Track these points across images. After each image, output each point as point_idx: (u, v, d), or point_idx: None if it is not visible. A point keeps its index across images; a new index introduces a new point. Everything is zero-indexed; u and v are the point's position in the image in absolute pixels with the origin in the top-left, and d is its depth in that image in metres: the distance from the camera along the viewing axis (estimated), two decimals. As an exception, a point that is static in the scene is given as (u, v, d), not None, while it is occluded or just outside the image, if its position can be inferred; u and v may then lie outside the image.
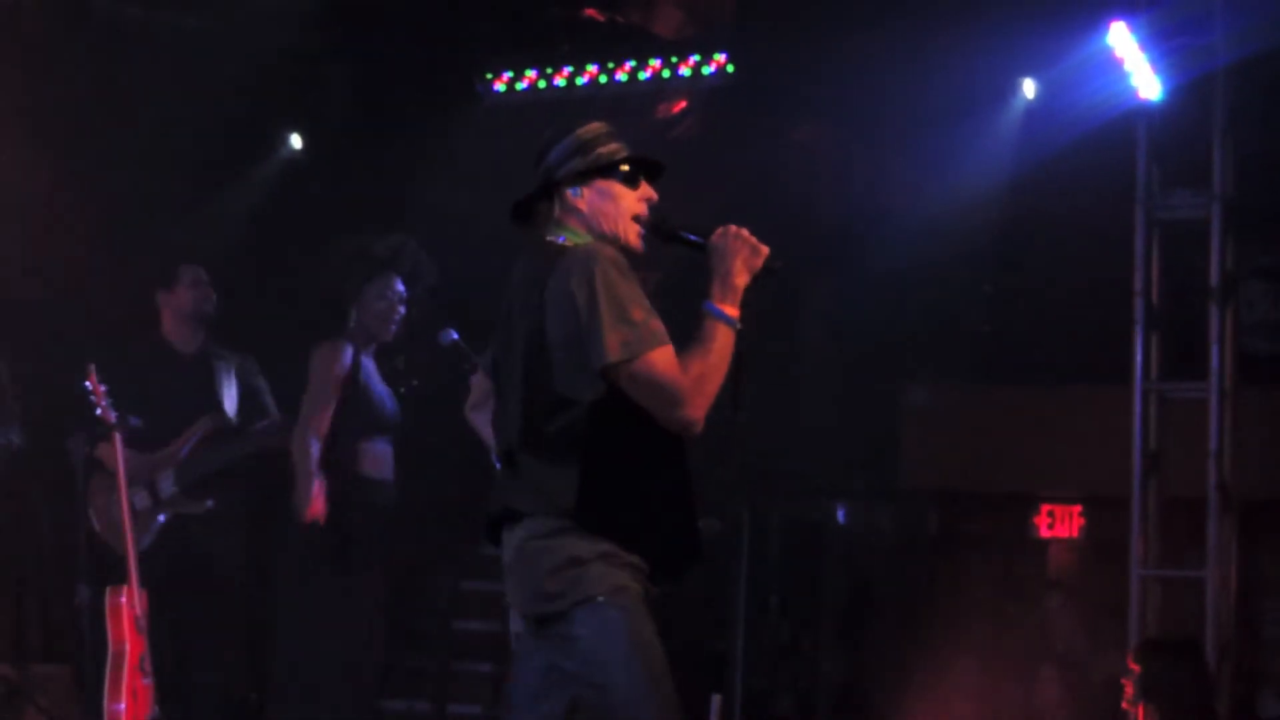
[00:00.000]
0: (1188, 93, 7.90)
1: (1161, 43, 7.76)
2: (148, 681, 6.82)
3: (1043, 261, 10.43)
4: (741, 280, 4.38)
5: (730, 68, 9.82)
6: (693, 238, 4.49)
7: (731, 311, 4.34)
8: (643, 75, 9.93)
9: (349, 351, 7.34)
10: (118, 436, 6.95)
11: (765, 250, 4.45)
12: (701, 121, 10.69)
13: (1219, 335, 7.88)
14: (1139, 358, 8.02)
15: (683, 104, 10.69)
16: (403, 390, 7.56)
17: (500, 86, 10.26)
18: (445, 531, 9.58)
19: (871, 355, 10.45)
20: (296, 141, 10.49)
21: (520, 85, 10.20)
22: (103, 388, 6.94)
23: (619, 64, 9.97)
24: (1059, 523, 10.80)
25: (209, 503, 7.57)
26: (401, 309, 7.45)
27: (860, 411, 10.51)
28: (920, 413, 10.79)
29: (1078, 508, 10.74)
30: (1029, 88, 9.25)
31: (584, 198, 4.53)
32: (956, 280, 10.73)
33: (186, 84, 9.23)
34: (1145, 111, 7.99)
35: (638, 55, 9.92)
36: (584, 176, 4.53)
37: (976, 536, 10.85)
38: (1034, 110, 9.23)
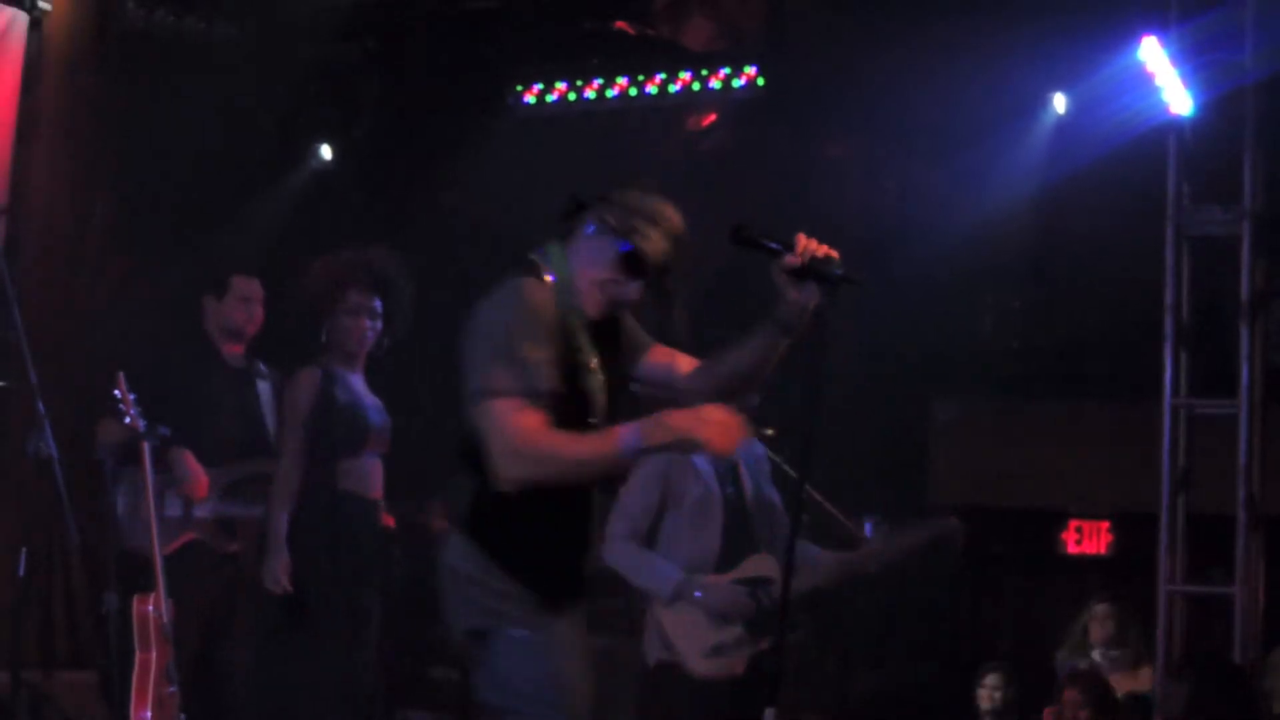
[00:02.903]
0: (1219, 108, 7.87)
1: (1193, 58, 7.74)
2: (173, 690, 6.82)
3: (1072, 277, 10.41)
4: (662, 437, 4.16)
5: (760, 81, 9.83)
6: (773, 245, 4.40)
7: (634, 443, 4.15)
8: (673, 88, 9.94)
9: (316, 377, 7.26)
10: (145, 446, 6.95)
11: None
12: (731, 135, 10.69)
13: (1249, 352, 7.85)
14: (1168, 374, 7.99)
15: (712, 117, 10.69)
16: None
17: (530, 98, 10.28)
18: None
19: (900, 370, 10.43)
20: (326, 152, 10.51)
21: (550, 97, 10.22)
22: (131, 396, 6.94)
23: (649, 76, 9.99)
24: (1087, 538, 10.77)
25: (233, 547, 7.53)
26: (372, 321, 7.34)
27: (888, 426, 10.48)
28: (949, 428, 10.76)
29: (1106, 523, 10.71)
30: (1060, 102, 9.24)
31: (590, 241, 4.47)
32: (986, 295, 10.71)
33: (218, 95, 9.26)
34: (1176, 127, 7.97)
35: (668, 68, 9.93)
36: (608, 229, 4.45)
37: (1004, 552, 10.81)
38: (1065, 125, 9.22)
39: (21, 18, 8.62)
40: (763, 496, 6.80)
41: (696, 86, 9.93)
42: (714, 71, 9.85)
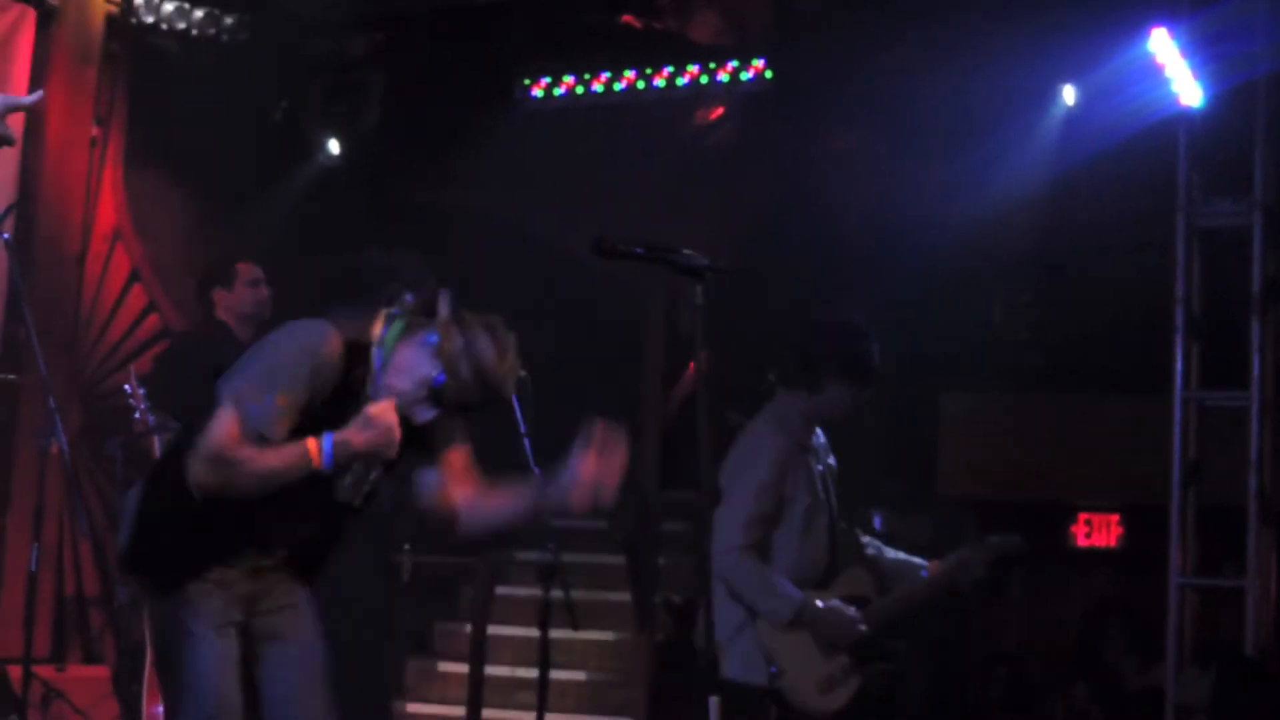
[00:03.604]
0: (1229, 100, 7.85)
1: (1203, 49, 7.72)
2: (185, 684, 6.81)
3: (1082, 269, 10.40)
4: (361, 446, 4.48)
5: (769, 74, 9.80)
6: (638, 250, 4.37)
7: (315, 461, 4.44)
8: (681, 81, 9.91)
9: None
10: (155, 440, 6.94)
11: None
12: (739, 128, 10.67)
13: (1260, 344, 7.84)
14: (1179, 366, 7.98)
15: (720, 110, 10.68)
16: None
17: (538, 92, 10.25)
18: (478, 537, 9.56)
19: (909, 363, 10.41)
20: (334, 147, 10.50)
21: (558, 91, 10.19)
22: (141, 391, 6.94)
23: (657, 70, 9.96)
24: (1096, 532, 10.76)
25: None
26: None
27: (898, 419, 10.47)
28: (957, 421, 10.75)
29: (1115, 516, 10.69)
30: (1069, 94, 9.22)
31: (431, 345, 4.55)
32: (995, 288, 10.70)
33: (226, 89, 9.26)
34: (1186, 118, 7.95)
35: (676, 61, 9.90)
36: (440, 352, 4.53)
37: (1018, 552, 10.81)
38: (1074, 116, 9.20)
39: (30, 13, 8.62)
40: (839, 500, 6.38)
41: (705, 80, 9.90)
42: (722, 65, 9.81)
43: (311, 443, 4.43)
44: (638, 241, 4.37)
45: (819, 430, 6.32)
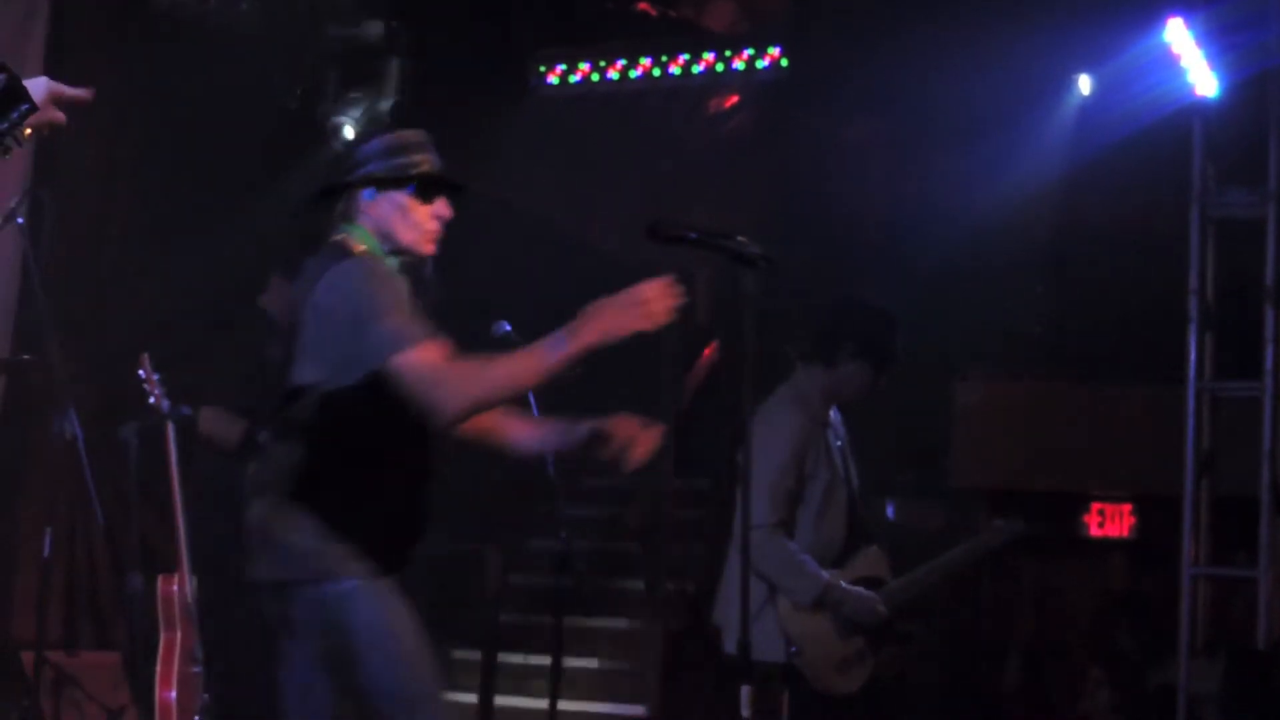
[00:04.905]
0: (1245, 90, 7.83)
1: (1219, 39, 7.71)
2: (198, 670, 6.84)
3: (1096, 259, 10.39)
4: (591, 336, 4.33)
5: (784, 62, 9.79)
6: (692, 235, 4.35)
7: (557, 353, 4.31)
8: (696, 69, 9.91)
9: None
10: (170, 427, 6.96)
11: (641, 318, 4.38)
12: (753, 116, 10.68)
13: (1274, 334, 7.82)
14: (1193, 356, 7.97)
15: (735, 98, 10.69)
16: None
17: (554, 79, 10.26)
18: (491, 525, 9.59)
19: (922, 353, 10.41)
20: (350, 133, 10.50)
21: (573, 78, 10.20)
22: (155, 376, 6.95)
23: (673, 57, 9.96)
24: (1109, 521, 10.76)
25: None
26: None
27: (911, 409, 10.47)
28: (971, 411, 10.75)
29: (1128, 506, 10.69)
30: (1084, 84, 9.21)
31: (376, 204, 4.59)
32: (1009, 278, 10.70)
33: (242, 74, 9.26)
34: (1201, 108, 7.93)
35: (691, 48, 9.90)
36: (380, 184, 4.59)
37: (1026, 535, 10.81)
38: (1089, 106, 9.20)
39: (45, -2, 8.64)
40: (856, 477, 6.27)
41: (720, 67, 9.90)
42: (738, 52, 9.81)
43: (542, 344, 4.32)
44: (692, 226, 4.35)
45: (835, 408, 6.24)
